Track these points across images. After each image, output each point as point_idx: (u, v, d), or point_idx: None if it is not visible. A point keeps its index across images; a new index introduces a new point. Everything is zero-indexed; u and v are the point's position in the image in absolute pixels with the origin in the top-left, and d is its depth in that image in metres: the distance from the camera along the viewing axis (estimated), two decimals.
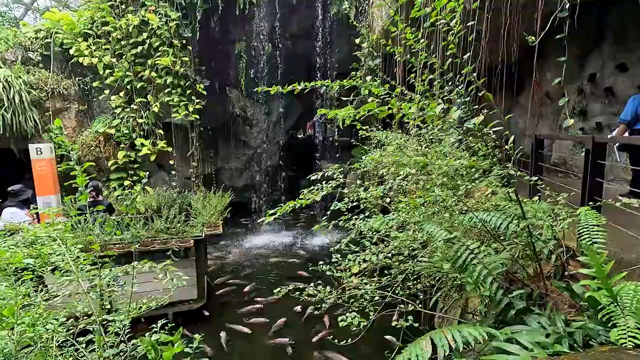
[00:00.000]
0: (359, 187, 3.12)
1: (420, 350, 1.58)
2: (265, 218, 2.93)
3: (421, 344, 1.61)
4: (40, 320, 2.29)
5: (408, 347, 1.69)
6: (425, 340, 1.61)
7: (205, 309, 6.10)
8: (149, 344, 1.51)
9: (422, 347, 1.60)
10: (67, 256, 2.11)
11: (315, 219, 11.81)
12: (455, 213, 2.57)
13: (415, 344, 1.63)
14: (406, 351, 1.65)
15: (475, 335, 1.54)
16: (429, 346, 1.59)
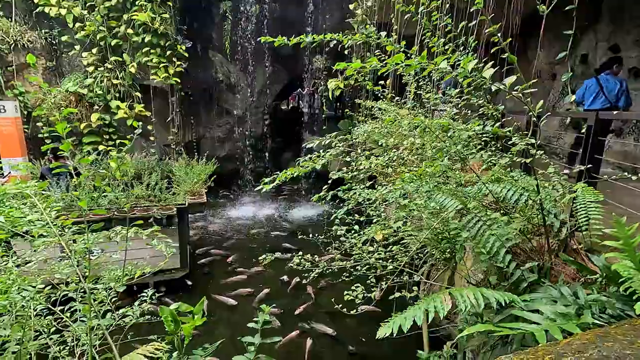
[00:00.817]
0: (361, 156, 2.97)
1: (440, 304, 1.51)
2: (262, 186, 2.76)
3: (440, 297, 1.54)
4: (14, 286, 2.08)
5: (424, 299, 1.62)
6: (445, 295, 1.54)
7: (188, 279, 5.96)
8: (168, 315, 1.35)
9: (441, 301, 1.53)
10: (46, 216, 1.87)
11: (299, 192, 11.69)
12: (460, 184, 2.49)
13: (433, 298, 1.55)
14: (423, 302, 1.58)
15: (497, 298, 1.48)
16: (449, 301, 1.52)
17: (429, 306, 1.59)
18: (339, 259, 3.55)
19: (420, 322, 1.55)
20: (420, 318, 1.55)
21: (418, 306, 1.67)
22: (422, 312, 1.61)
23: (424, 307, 1.61)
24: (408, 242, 2.59)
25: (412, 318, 1.55)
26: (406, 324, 1.52)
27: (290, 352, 4.53)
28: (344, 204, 3.29)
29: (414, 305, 1.73)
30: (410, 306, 1.80)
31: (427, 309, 1.55)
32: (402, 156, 2.98)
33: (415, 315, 1.55)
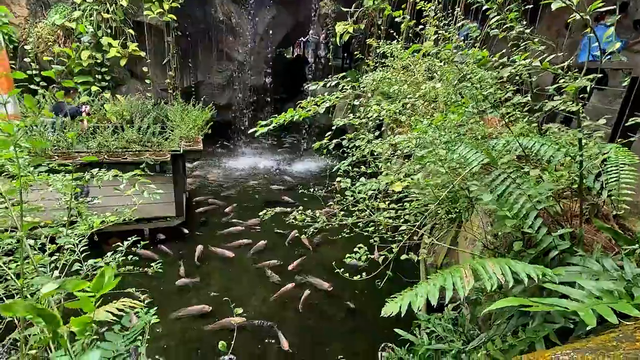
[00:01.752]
0: (374, 103, 2.61)
1: (459, 280, 1.27)
2: (257, 128, 2.44)
3: (460, 272, 1.30)
4: None
5: (440, 273, 1.39)
6: (465, 270, 1.30)
7: (184, 227, 5.85)
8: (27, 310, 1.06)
9: (461, 276, 1.29)
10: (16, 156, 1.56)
11: (301, 145, 11.33)
12: (483, 137, 2.16)
13: (451, 272, 1.32)
14: (438, 277, 1.35)
15: (528, 272, 1.23)
16: (470, 277, 1.28)
17: (446, 282, 1.35)
18: (341, 214, 3.34)
19: (434, 301, 1.32)
20: (435, 296, 1.32)
21: (433, 282, 1.44)
22: (437, 289, 1.38)
23: (440, 284, 1.37)
24: (420, 199, 2.33)
25: (425, 296, 1.32)
26: (417, 302, 1.30)
27: (286, 302, 4.50)
28: (349, 156, 3.00)
29: (428, 281, 1.49)
30: (422, 282, 1.57)
31: (444, 286, 1.31)
32: (416, 104, 2.63)
33: (429, 293, 1.32)
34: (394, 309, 1.53)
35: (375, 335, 4.03)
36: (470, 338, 2.46)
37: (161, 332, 3.89)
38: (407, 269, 4.55)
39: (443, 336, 2.57)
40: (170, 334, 3.92)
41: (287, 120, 2.37)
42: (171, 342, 3.83)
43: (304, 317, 4.34)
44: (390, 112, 2.50)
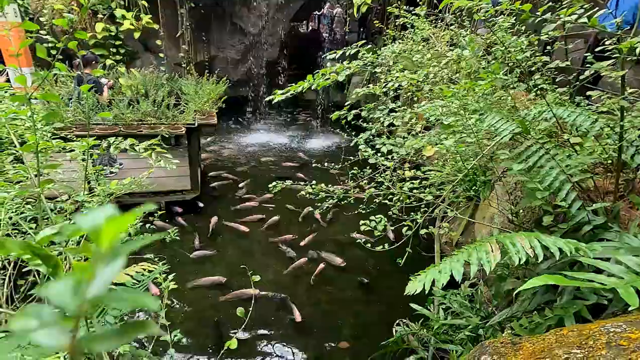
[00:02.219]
0: (397, 70, 2.48)
1: (485, 254, 1.21)
2: (274, 97, 2.36)
3: (485, 246, 1.24)
4: None
5: (464, 248, 1.33)
6: (492, 244, 1.23)
7: (199, 201, 5.90)
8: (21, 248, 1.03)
9: (487, 251, 1.22)
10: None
11: (314, 122, 11.19)
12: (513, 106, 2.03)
13: (476, 247, 1.26)
14: (462, 252, 1.29)
15: (560, 246, 1.15)
16: (497, 252, 1.22)
17: (472, 257, 1.29)
18: (355, 188, 3.29)
19: (459, 277, 1.27)
20: (460, 272, 1.26)
21: (456, 258, 1.38)
22: (461, 264, 1.32)
23: (464, 259, 1.31)
24: (444, 170, 2.24)
25: (449, 272, 1.26)
26: (441, 278, 1.25)
27: (299, 277, 4.55)
28: (367, 130, 2.90)
29: (451, 257, 1.43)
30: (446, 258, 1.51)
31: (469, 261, 1.25)
32: (441, 73, 2.49)
33: (454, 269, 1.26)
34: (417, 287, 1.49)
35: (389, 310, 4.04)
36: (488, 315, 2.43)
37: (178, 300, 4.00)
38: (421, 246, 4.50)
39: (459, 312, 2.54)
40: (187, 303, 4.02)
41: (305, 88, 2.28)
42: (188, 310, 3.93)
43: (317, 290, 4.38)
44: (413, 81, 2.37)
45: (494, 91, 2.59)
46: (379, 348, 3.18)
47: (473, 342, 2.18)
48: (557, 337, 0.87)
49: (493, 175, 2.32)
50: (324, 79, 2.32)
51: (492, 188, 3.64)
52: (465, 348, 2.16)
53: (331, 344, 3.67)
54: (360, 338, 3.72)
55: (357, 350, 3.61)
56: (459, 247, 4.84)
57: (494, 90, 2.69)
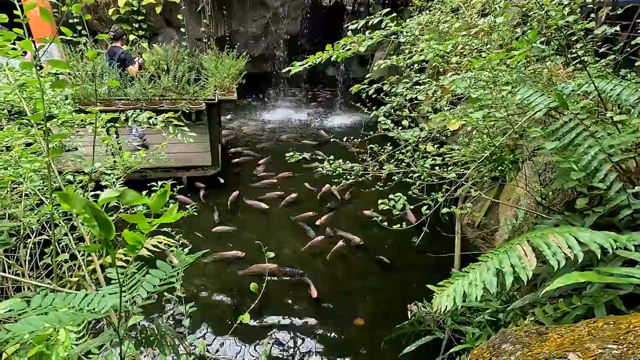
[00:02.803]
0: (425, 40, 2.31)
1: (518, 260, 1.13)
2: (292, 68, 2.27)
3: (516, 250, 1.15)
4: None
5: (493, 254, 1.25)
6: (524, 246, 1.14)
7: (220, 177, 5.97)
8: (84, 207, 1.02)
9: (519, 255, 1.14)
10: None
11: (335, 99, 10.96)
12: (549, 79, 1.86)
13: (507, 252, 1.17)
14: (492, 259, 1.20)
15: (600, 242, 1.05)
16: (532, 256, 1.13)
17: (504, 265, 1.19)
18: (375, 166, 3.20)
19: (493, 290, 1.19)
20: (494, 284, 1.17)
21: (486, 266, 1.29)
22: (493, 274, 1.23)
23: (496, 267, 1.22)
24: (470, 147, 2.11)
25: (482, 285, 1.18)
26: (474, 292, 1.16)
27: (316, 255, 4.57)
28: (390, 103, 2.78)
29: (479, 265, 1.34)
30: (473, 266, 1.41)
31: (502, 270, 1.16)
32: (470, 44, 2.31)
33: (486, 281, 1.18)
34: (446, 303, 1.40)
35: (406, 289, 4.02)
36: (508, 299, 2.35)
37: (197, 273, 4.12)
38: (441, 226, 4.40)
39: None
40: (206, 275, 4.14)
41: (324, 59, 2.17)
42: (207, 283, 4.06)
43: (335, 268, 4.40)
44: (440, 52, 2.21)
45: (527, 64, 2.40)
46: (395, 329, 3.18)
47: (492, 325, 2.12)
48: (590, 329, 0.80)
49: (522, 155, 2.18)
50: (344, 49, 2.21)
51: (519, 169, 3.46)
52: (483, 331, 2.10)
53: (347, 320, 3.71)
54: (376, 316, 3.74)
55: (373, 327, 3.63)
56: (481, 229, 4.68)
57: (528, 62, 2.49)
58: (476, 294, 1.32)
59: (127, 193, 0.59)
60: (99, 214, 0.61)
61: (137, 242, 0.70)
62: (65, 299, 0.85)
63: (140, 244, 0.70)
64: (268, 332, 3.52)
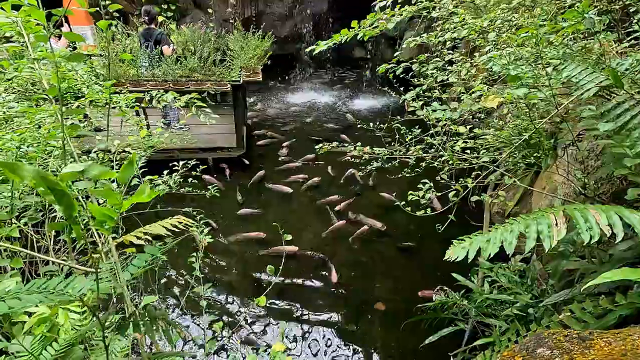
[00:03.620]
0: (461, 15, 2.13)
1: (547, 227, 1.03)
2: (315, 47, 2.18)
3: (548, 217, 1.05)
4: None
5: (522, 218, 1.15)
6: (557, 215, 1.04)
7: (245, 158, 6.01)
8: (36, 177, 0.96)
9: (549, 223, 1.04)
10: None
11: (360, 81, 10.68)
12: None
13: (537, 217, 1.07)
14: (519, 222, 1.11)
15: None
16: (563, 226, 1.02)
17: (529, 229, 1.10)
18: (401, 151, 3.08)
19: (510, 250, 1.10)
20: (512, 245, 1.08)
21: (510, 227, 1.19)
22: (514, 236, 1.13)
23: (520, 230, 1.12)
24: (506, 131, 1.96)
25: (499, 243, 1.09)
26: (489, 249, 1.08)
27: (339, 238, 4.54)
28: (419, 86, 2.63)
29: (504, 226, 1.25)
30: (497, 226, 1.32)
31: (526, 233, 1.06)
32: (510, 18, 2.11)
33: (505, 240, 1.09)
34: (459, 254, 1.33)
35: (429, 277, 3.93)
36: (540, 293, 2.22)
37: (219, 253, 4.21)
38: (468, 213, 4.23)
39: (507, 287, 2.36)
40: (228, 255, 4.22)
41: (349, 37, 2.06)
42: (229, 263, 4.14)
43: (356, 252, 4.37)
44: (477, 27, 2.03)
45: (574, 40, 2.17)
46: (416, 313, 3.12)
47: (520, 320, 2.02)
48: None
49: (564, 139, 2.00)
50: (371, 27, 2.08)
51: (557, 155, 3.22)
52: (510, 325, 2.00)
53: (367, 304, 3.69)
54: (397, 301, 3.69)
55: (394, 312, 3.59)
56: (511, 218, 4.48)
57: (574, 39, 2.26)
58: (491, 251, 1.23)
59: (92, 167, 0.54)
60: (54, 186, 0.55)
61: (107, 218, 0.64)
62: (43, 284, 0.84)
63: (111, 219, 0.64)
64: (286, 314, 3.56)
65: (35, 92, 2.55)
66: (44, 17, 1.05)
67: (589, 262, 1.55)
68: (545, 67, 1.50)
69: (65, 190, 0.60)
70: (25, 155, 1.60)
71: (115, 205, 0.62)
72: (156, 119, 5.83)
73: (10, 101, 2.06)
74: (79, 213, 1.18)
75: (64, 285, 0.81)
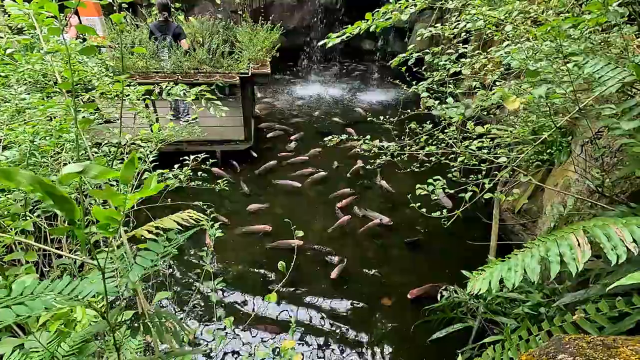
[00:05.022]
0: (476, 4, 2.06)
1: (569, 249, 1.00)
2: (327, 40, 2.14)
3: (569, 239, 1.02)
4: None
5: (541, 240, 1.12)
6: (577, 235, 1.01)
7: (253, 151, 6.01)
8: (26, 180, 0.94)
9: (572, 244, 1.01)
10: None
11: (369, 74, 10.57)
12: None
13: (557, 239, 1.04)
14: (539, 246, 1.09)
15: None
16: (586, 247, 0.99)
17: (550, 253, 1.07)
18: (411, 146, 3.04)
19: (535, 277, 1.08)
20: (536, 272, 1.07)
21: (531, 253, 1.17)
22: (536, 261, 1.11)
23: (542, 254, 1.10)
24: (520, 130, 1.91)
25: (522, 271, 1.07)
26: (512, 278, 1.06)
27: (344, 234, 4.54)
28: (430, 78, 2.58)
29: (524, 252, 1.23)
30: (516, 252, 1.30)
31: (548, 258, 1.04)
32: (528, 9, 2.05)
33: (527, 268, 1.07)
34: (481, 287, 1.33)
35: (436, 272, 3.92)
36: (552, 292, 2.19)
37: (228, 247, 4.23)
38: (475, 208, 4.18)
39: (518, 286, 2.33)
40: (236, 249, 4.24)
41: (362, 29, 2.02)
42: (237, 256, 4.16)
43: (362, 247, 4.36)
44: (493, 19, 1.96)
45: (594, 33, 2.10)
46: (425, 311, 3.11)
47: (531, 319, 1.99)
48: None
49: (581, 136, 1.95)
50: (384, 18, 2.03)
51: (570, 152, 3.16)
52: (521, 324, 1.98)
53: (374, 299, 3.69)
54: (403, 296, 3.68)
55: (401, 307, 3.59)
56: (522, 215, 4.42)
57: (594, 32, 2.19)
58: (514, 280, 1.23)
59: (92, 167, 0.52)
60: (52, 191, 0.53)
61: (110, 220, 0.62)
62: (49, 286, 0.83)
63: (115, 221, 0.62)
64: (294, 309, 3.58)
65: (46, 83, 2.56)
66: (56, 9, 1.03)
67: (605, 262, 1.52)
68: (566, 63, 1.45)
69: (64, 195, 0.57)
70: (37, 149, 1.61)
71: (119, 206, 0.60)
72: (165, 111, 5.84)
73: (21, 93, 2.07)
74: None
75: (71, 289, 0.81)
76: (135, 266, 0.83)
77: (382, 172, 5.42)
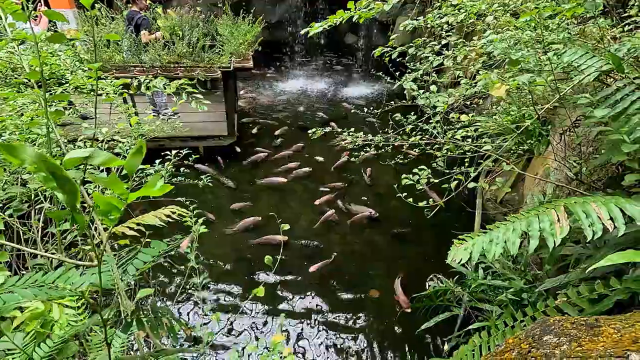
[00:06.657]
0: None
1: (549, 224, 1.02)
2: (309, 29, 2.11)
3: (550, 214, 1.04)
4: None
5: (523, 215, 1.14)
6: (557, 211, 1.03)
7: (236, 146, 5.92)
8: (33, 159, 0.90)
9: (551, 220, 1.03)
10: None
11: (352, 67, 10.57)
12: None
13: (538, 214, 1.06)
14: (520, 221, 1.10)
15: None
16: (565, 222, 1.01)
17: (531, 228, 1.09)
18: (396, 138, 3.06)
19: (514, 250, 1.10)
20: (516, 245, 1.08)
21: (512, 226, 1.19)
22: (517, 235, 1.13)
23: (522, 229, 1.12)
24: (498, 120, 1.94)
25: (502, 243, 1.09)
26: (492, 249, 1.07)
27: (330, 227, 4.54)
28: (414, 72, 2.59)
29: (506, 224, 1.24)
30: (498, 224, 1.32)
31: (528, 232, 1.06)
32: (507, 2, 2.07)
33: (508, 241, 1.08)
34: (462, 256, 1.33)
35: (423, 263, 3.97)
36: (534, 278, 2.25)
37: (213, 243, 4.17)
38: (459, 198, 4.25)
39: (501, 273, 2.39)
40: (221, 246, 4.19)
41: (345, 19, 2.00)
42: (223, 253, 4.11)
43: (350, 241, 4.38)
44: (475, 9, 1.98)
45: (572, 24, 2.15)
46: (413, 299, 3.16)
47: (514, 304, 2.04)
48: None
49: (559, 125, 2.00)
50: (367, 9, 2.02)
51: (549, 142, 3.24)
52: (505, 310, 2.03)
53: (362, 292, 3.72)
54: (391, 288, 3.72)
55: (388, 299, 3.63)
56: (504, 204, 4.51)
57: (569, 23, 2.24)
58: (495, 252, 1.24)
59: (98, 153, 0.50)
60: (56, 171, 0.51)
61: (112, 207, 0.59)
62: (40, 278, 0.80)
63: (117, 210, 0.59)
64: (281, 304, 3.57)
65: (16, 78, 2.44)
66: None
67: (584, 247, 1.57)
68: (546, 52, 1.48)
69: (68, 177, 0.55)
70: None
71: (121, 194, 0.57)
72: (144, 106, 5.68)
73: None
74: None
75: (63, 280, 0.77)
76: (135, 261, 0.79)
77: (367, 166, 5.44)
